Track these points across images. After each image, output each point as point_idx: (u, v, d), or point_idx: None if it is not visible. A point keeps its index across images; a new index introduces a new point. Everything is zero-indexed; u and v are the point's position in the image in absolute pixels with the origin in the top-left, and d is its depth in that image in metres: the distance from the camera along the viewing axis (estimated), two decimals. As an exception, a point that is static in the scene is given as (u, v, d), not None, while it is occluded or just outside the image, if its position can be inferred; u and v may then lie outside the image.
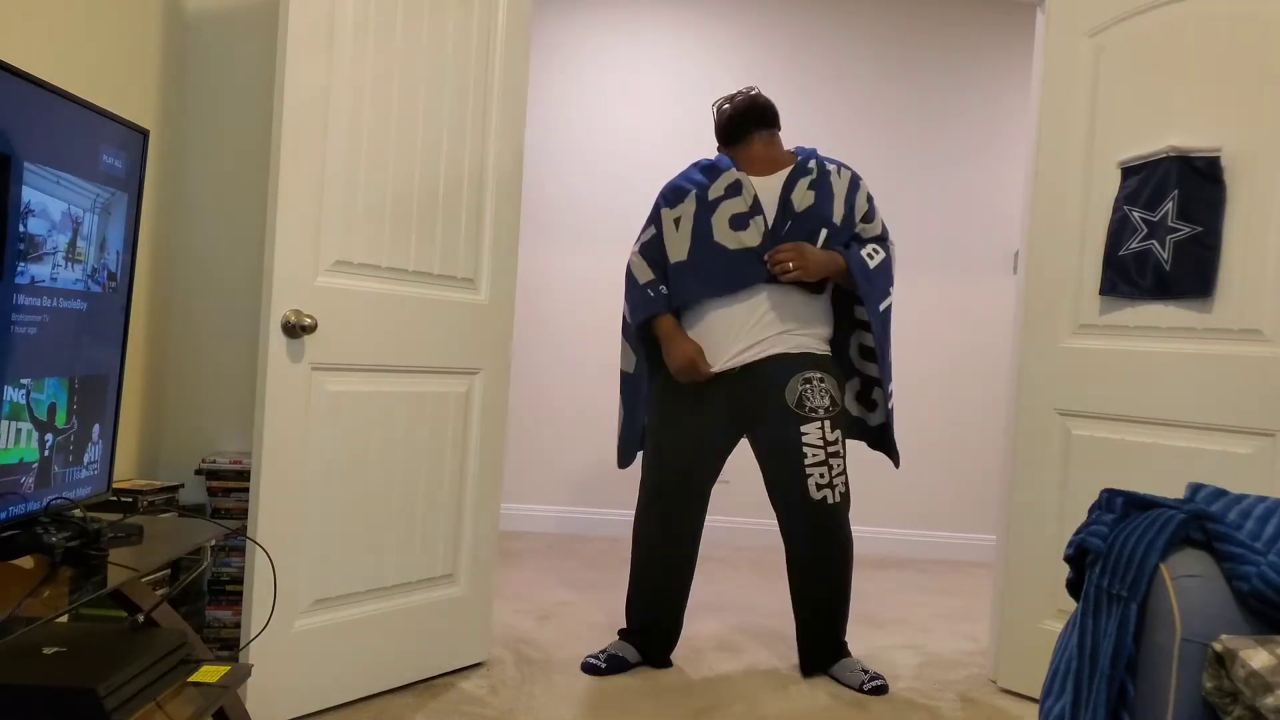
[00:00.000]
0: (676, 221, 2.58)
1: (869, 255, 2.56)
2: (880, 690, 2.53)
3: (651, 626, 2.66)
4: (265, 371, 2.05)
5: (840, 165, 2.62)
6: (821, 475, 2.49)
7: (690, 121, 4.30)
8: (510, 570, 3.62)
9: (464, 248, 2.46)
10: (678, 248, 2.57)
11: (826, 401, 2.52)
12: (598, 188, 4.34)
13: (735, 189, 2.54)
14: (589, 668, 2.58)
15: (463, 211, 2.45)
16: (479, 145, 2.48)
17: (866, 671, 2.58)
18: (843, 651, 2.66)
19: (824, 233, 2.53)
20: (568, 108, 4.34)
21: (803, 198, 2.53)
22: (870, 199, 2.64)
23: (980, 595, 3.71)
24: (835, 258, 2.52)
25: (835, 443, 2.51)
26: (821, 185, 2.55)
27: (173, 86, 2.45)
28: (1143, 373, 2.41)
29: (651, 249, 2.63)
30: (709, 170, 2.59)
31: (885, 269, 2.59)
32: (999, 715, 2.46)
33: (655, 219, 2.64)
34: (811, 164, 2.58)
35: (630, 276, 2.65)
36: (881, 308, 2.57)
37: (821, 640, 2.63)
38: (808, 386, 2.51)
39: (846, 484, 2.55)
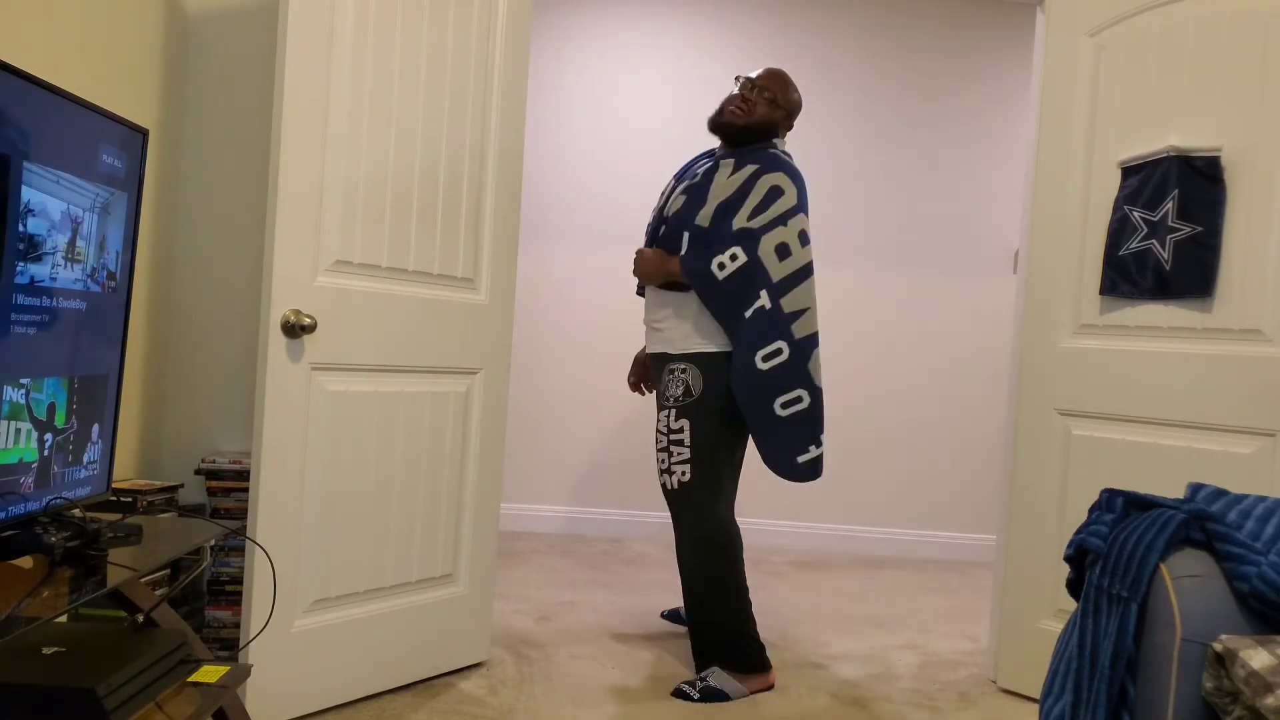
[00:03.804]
0: None
1: (720, 264, 2.46)
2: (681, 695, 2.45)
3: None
4: (265, 371, 2.05)
5: (755, 162, 2.54)
6: (662, 460, 2.56)
7: (690, 120, 4.29)
8: (510, 570, 3.62)
9: (464, 247, 2.46)
10: None
11: (679, 391, 2.54)
12: (600, 185, 4.34)
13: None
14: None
15: (462, 211, 2.45)
16: (479, 144, 2.48)
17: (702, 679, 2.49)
18: (714, 657, 2.52)
19: (685, 236, 2.54)
20: (568, 106, 4.34)
21: (674, 203, 2.60)
22: (772, 191, 2.50)
23: (980, 595, 3.71)
24: (667, 262, 2.54)
25: (678, 431, 2.53)
26: (696, 189, 2.56)
27: (173, 86, 2.45)
28: (1143, 373, 2.41)
29: None
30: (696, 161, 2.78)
31: (741, 274, 2.46)
32: (999, 715, 2.46)
33: None
34: (701, 167, 2.64)
35: None
36: (748, 315, 2.46)
37: (696, 636, 2.56)
38: (670, 377, 2.57)
39: (689, 473, 2.51)
